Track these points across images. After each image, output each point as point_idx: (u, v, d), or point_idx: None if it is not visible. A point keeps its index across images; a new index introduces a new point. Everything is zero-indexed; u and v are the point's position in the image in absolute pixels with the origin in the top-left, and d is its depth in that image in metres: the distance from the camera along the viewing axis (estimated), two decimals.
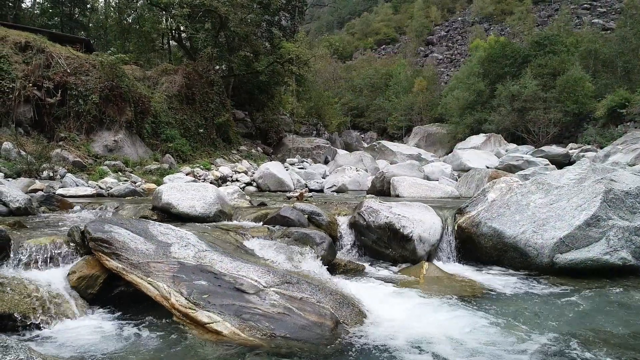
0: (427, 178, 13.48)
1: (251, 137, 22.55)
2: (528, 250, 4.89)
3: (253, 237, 4.90)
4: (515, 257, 5.05)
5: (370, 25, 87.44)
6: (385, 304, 3.73)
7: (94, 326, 3.20)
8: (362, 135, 46.77)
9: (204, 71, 18.12)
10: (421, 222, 5.26)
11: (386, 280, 4.72)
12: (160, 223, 4.11)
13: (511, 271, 5.09)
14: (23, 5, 34.11)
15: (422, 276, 4.75)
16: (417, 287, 4.42)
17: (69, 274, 3.45)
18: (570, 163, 19.91)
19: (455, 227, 5.61)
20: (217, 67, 21.61)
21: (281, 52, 21.34)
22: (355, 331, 3.11)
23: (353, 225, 5.53)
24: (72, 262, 3.61)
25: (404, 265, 5.23)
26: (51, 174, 9.18)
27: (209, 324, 2.89)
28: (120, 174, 11.28)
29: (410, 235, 5.10)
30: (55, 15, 34.16)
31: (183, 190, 5.72)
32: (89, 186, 8.89)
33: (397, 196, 10.70)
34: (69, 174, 9.11)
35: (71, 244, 3.74)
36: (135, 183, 10.70)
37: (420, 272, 4.83)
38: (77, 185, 8.67)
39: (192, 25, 19.58)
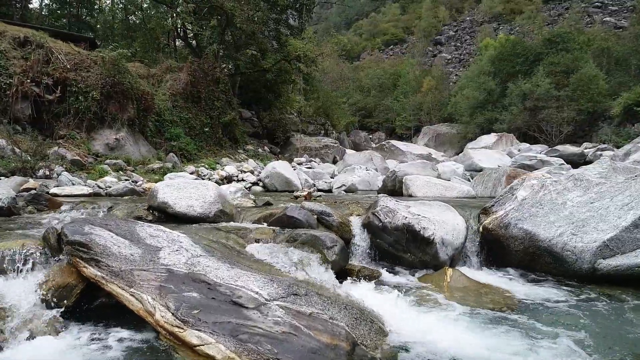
0: (439, 178, 12.95)
1: (258, 136, 22.04)
2: (566, 255, 4.34)
3: (256, 239, 4.40)
4: (549, 263, 4.51)
5: (377, 26, 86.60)
6: (408, 319, 3.20)
7: (66, 345, 2.70)
8: (370, 136, 46.09)
9: (209, 69, 17.62)
10: (443, 223, 4.73)
11: (406, 289, 4.19)
12: (150, 224, 3.61)
13: (545, 278, 4.54)
14: (30, 5, 33.91)
15: (446, 284, 4.22)
16: (441, 298, 3.89)
17: (40, 284, 2.96)
18: (586, 162, 19.30)
19: (480, 229, 5.07)
20: (224, 65, 21.17)
21: (288, 49, 20.82)
22: (376, 355, 2.59)
23: (367, 226, 5.00)
24: (46, 269, 3.12)
25: (424, 272, 4.69)
26: (47, 173, 8.74)
27: (199, 346, 2.38)
28: (121, 173, 10.81)
29: (432, 237, 4.56)
30: (63, 16, 33.90)
31: (181, 188, 5.23)
32: (86, 185, 8.42)
33: (410, 196, 10.21)
34: (64, 173, 8.65)
35: (45, 249, 3.25)
36: (136, 182, 10.23)
37: (443, 280, 4.30)
38: (73, 184, 8.20)
39: (198, 22, 19.12)
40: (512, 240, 4.69)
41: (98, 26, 35.65)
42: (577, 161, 19.98)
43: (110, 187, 8.76)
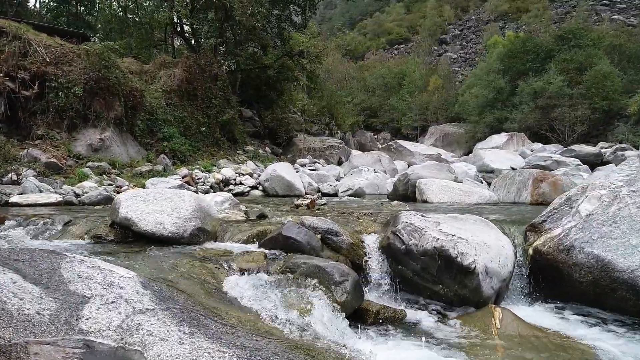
0: (455, 181, 11.90)
1: (259, 136, 20.94)
2: None
3: (241, 270, 3.32)
4: (627, 299, 3.40)
5: (382, 26, 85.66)
6: None
7: None
8: (375, 136, 45.02)
9: (206, 64, 16.55)
10: (485, 247, 3.62)
11: (442, 339, 3.10)
12: (83, 258, 2.53)
13: (622, 319, 3.44)
14: (29, 4, 33.06)
15: (496, 332, 3.13)
16: (494, 356, 2.80)
17: None
18: (603, 163, 18.21)
19: (530, 251, 3.97)
20: (224, 62, 20.14)
21: (291, 44, 19.74)
22: None
23: (386, 249, 3.91)
24: None
25: (462, 310, 3.60)
26: (14, 178, 7.70)
27: None
28: (104, 177, 9.77)
29: (473, 266, 3.46)
30: (61, 14, 33.04)
31: (150, 199, 4.15)
32: (56, 192, 7.37)
33: (425, 202, 9.18)
34: (31, 178, 7.57)
35: None
36: (120, 187, 9.18)
37: (491, 324, 3.21)
38: (40, 191, 7.16)
39: (195, 16, 18.10)
40: (576, 268, 3.58)
41: (99, 26, 34.74)
42: (594, 161, 18.93)
43: (87, 193, 7.73)
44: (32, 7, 33.63)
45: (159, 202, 4.12)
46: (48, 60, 10.60)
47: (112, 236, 4.14)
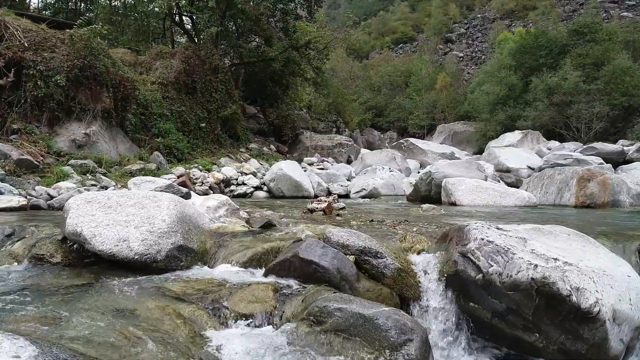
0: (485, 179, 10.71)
1: (264, 134, 19.74)
2: None
3: (239, 315, 2.12)
4: None
5: (386, 25, 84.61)
6: None
7: None
8: (382, 135, 43.91)
9: (206, 56, 15.36)
10: (607, 277, 2.40)
11: None
12: None
13: None
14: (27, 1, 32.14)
15: None
16: None
17: None
18: (626, 161, 17.16)
19: None
20: (226, 56, 19.02)
21: (297, 35, 18.54)
22: None
23: (451, 278, 2.68)
24: None
25: None
26: None
27: None
28: (88, 176, 8.60)
29: (596, 309, 2.24)
30: (60, 11, 32.11)
31: (112, 206, 2.94)
32: (21, 194, 6.21)
33: (453, 204, 8.03)
34: None
35: None
36: (106, 188, 8.01)
37: None
38: (1, 193, 6.00)
39: (195, 4, 16.94)
40: None
41: (100, 23, 33.68)
42: (616, 160, 17.84)
43: (61, 195, 6.57)
44: (28, 2, 32.69)
45: (124, 210, 2.91)
46: (26, 45, 9.42)
47: (59, 257, 2.93)
